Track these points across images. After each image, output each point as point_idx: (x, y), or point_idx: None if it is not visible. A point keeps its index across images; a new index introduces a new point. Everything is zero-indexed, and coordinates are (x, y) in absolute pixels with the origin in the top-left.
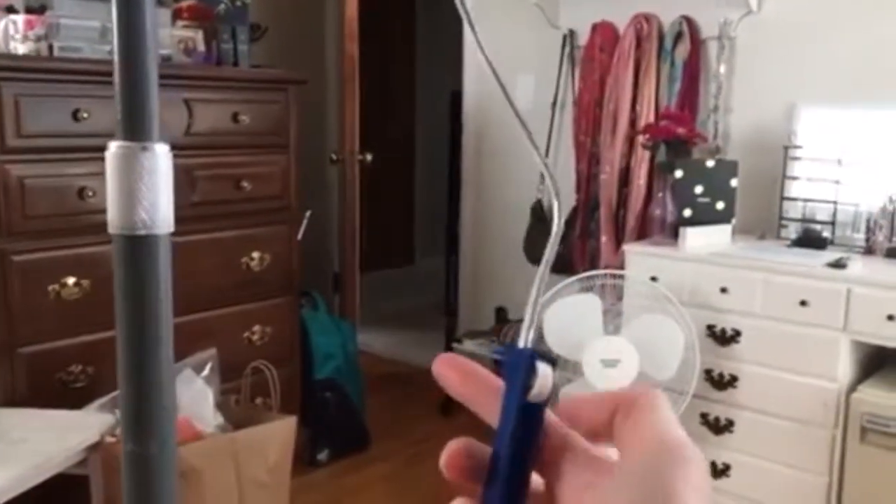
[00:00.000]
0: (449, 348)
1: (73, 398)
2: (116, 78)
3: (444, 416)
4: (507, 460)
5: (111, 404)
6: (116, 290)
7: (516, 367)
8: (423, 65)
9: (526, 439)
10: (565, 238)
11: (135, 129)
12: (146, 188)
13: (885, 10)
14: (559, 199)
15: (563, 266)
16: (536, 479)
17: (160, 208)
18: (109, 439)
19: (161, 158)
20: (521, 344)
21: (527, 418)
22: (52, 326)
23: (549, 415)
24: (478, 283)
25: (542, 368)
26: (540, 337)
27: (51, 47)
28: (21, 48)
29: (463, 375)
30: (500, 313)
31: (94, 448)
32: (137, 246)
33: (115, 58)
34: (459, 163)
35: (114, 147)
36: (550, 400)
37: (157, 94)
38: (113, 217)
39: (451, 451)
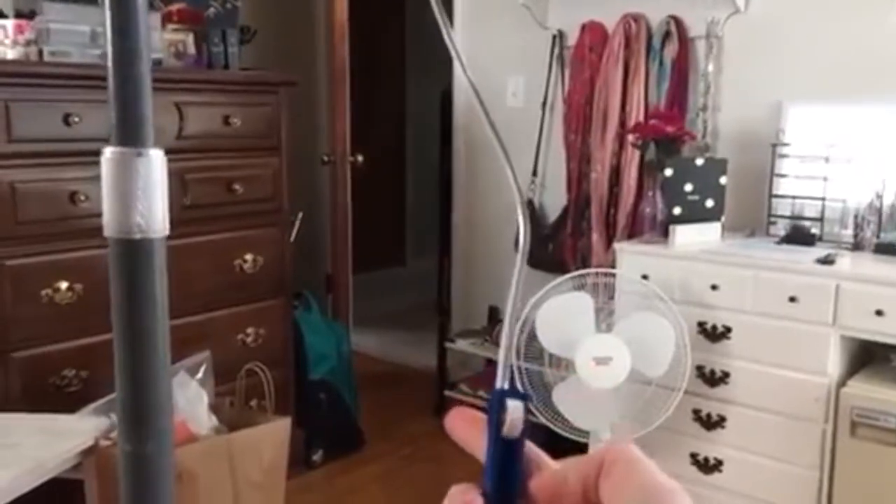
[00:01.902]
0: (442, 348)
1: (67, 402)
2: (110, 83)
3: (437, 416)
4: (491, 496)
5: (105, 408)
6: (113, 293)
7: (491, 405)
8: (413, 65)
9: (506, 474)
10: (556, 236)
11: (129, 134)
12: (142, 193)
13: (870, 7)
14: (527, 227)
15: (555, 264)
16: None
17: (155, 213)
18: (104, 443)
19: (156, 163)
20: (497, 383)
21: (505, 454)
22: (46, 331)
23: (545, 463)
24: (470, 283)
25: (512, 405)
26: (532, 335)
27: (41, 52)
28: (10, 53)
29: (468, 424)
30: (493, 312)
31: (89, 452)
32: (133, 250)
33: (109, 63)
34: (451, 162)
35: (109, 153)
36: (525, 434)
37: (150, 99)
38: (109, 221)
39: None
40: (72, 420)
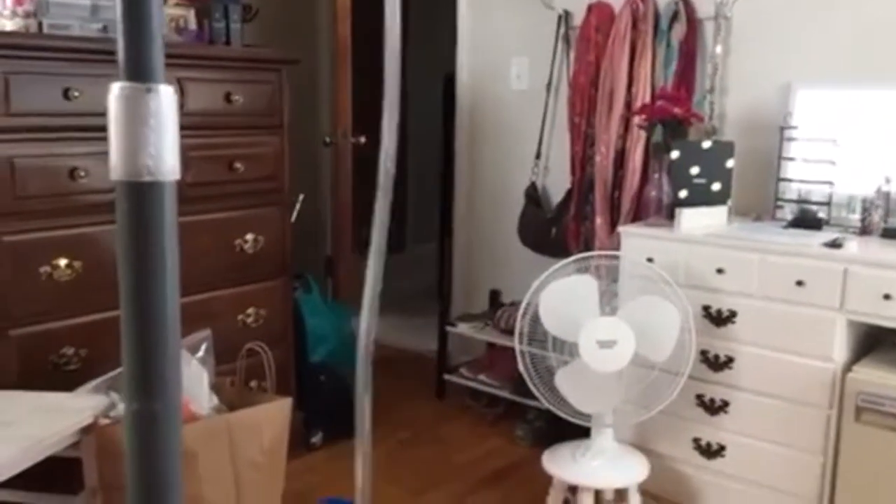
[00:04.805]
0: (443, 331)
1: (66, 381)
2: (119, 16)
3: (438, 399)
4: None
5: (105, 386)
6: (119, 240)
7: None
8: (415, 47)
9: None
10: (560, 220)
11: (139, 69)
12: (152, 132)
13: None
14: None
15: (558, 248)
16: None
17: (166, 154)
18: (103, 421)
19: (166, 101)
20: None
21: None
22: (44, 308)
23: None
24: (471, 267)
25: None
26: (535, 318)
27: (40, 24)
28: (9, 25)
29: None
30: (494, 296)
31: (87, 430)
32: (142, 194)
33: None
34: (452, 146)
35: (116, 88)
36: None
37: (161, 36)
38: (116, 163)
39: None
40: (70, 398)
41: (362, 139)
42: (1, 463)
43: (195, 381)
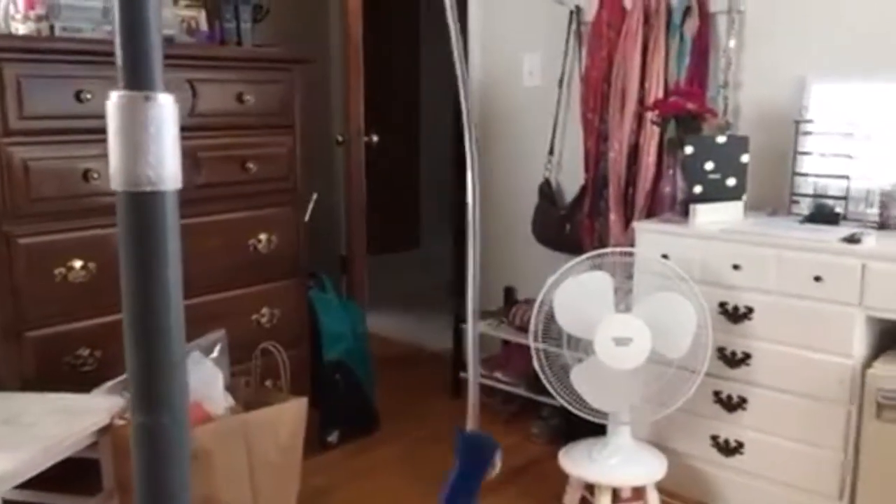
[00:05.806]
0: (457, 329)
1: (82, 382)
2: (116, 22)
3: (453, 396)
4: None
5: (120, 387)
6: (121, 251)
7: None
8: (427, 45)
9: None
10: (573, 217)
11: (137, 77)
12: (151, 141)
13: None
14: None
15: (572, 245)
16: None
17: (166, 163)
18: (119, 422)
19: (166, 109)
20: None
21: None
22: (60, 310)
23: None
24: (486, 264)
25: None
26: (550, 316)
27: (52, 27)
28: (21, 28)
29: None
30: (509, 293)
31: (104, 431)
32: (143, 204)
33: (115, 3)
34: (465, 143)
35: (115, 97)
36: None
37: (160, 43)
38: (116, 173)
39: None
40: (87, 399)
41: (374, 138)
42: (23, 463)
43: (210, 381)
